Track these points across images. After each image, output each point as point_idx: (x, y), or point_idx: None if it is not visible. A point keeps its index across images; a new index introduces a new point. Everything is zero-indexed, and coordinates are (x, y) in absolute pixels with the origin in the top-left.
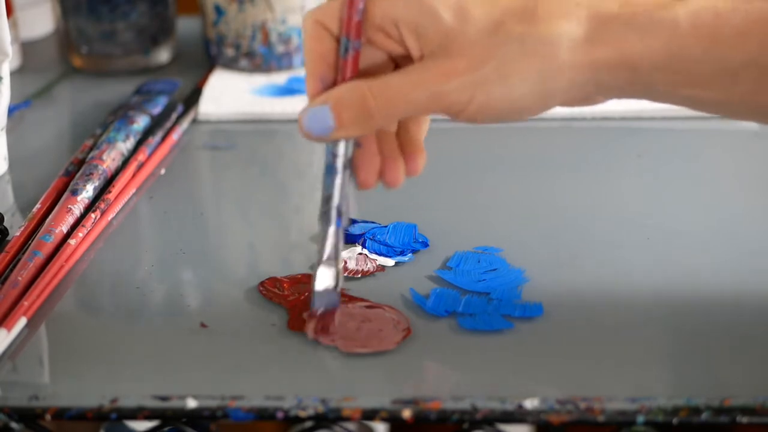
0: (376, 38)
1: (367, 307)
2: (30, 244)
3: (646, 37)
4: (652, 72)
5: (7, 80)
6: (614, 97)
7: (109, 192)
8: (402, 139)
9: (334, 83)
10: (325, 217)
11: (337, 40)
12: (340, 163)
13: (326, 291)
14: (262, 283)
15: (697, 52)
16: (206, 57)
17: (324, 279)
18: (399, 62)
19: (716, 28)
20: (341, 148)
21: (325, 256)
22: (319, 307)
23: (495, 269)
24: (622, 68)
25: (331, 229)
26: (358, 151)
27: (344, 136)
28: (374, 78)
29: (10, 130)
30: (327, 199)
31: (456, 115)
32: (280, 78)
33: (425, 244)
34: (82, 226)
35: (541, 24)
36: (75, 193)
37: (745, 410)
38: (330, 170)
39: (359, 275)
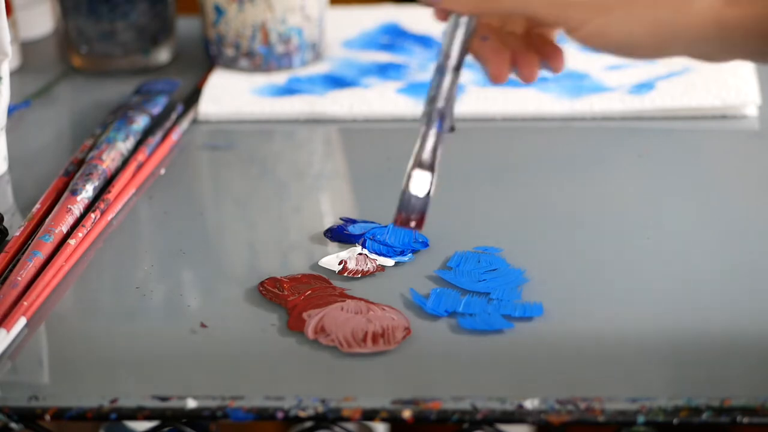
0: None
1: (367, 307)
2: (30, 244)
3: None
4: None
5: (6, 80)
6: (737, 59)
7: (109, 192)
8: (538, 40)
9: None
10: (426, 118)
11: None
12: (450, 63)
13: (415, 196)
14: (262, 283)
15: None
16: (206, 57)
17: (418, 182)
18: None
19: None
20: (454, 48)
21: (422, 158)
22: (407, 212)
23: (495, 269)
24: (752, 32)
25: (432, 132)
26: (485, 44)
27: (453, 8)
28: None
29: (10, 130)
30: (432, 100)
31: (570, 31)
32: (279, 78)
33: (425, 244)
34: (82, 226)
35: None
36: (75, 193)
37: (746, 410)
38: (439, 70)
39: (359, 275)
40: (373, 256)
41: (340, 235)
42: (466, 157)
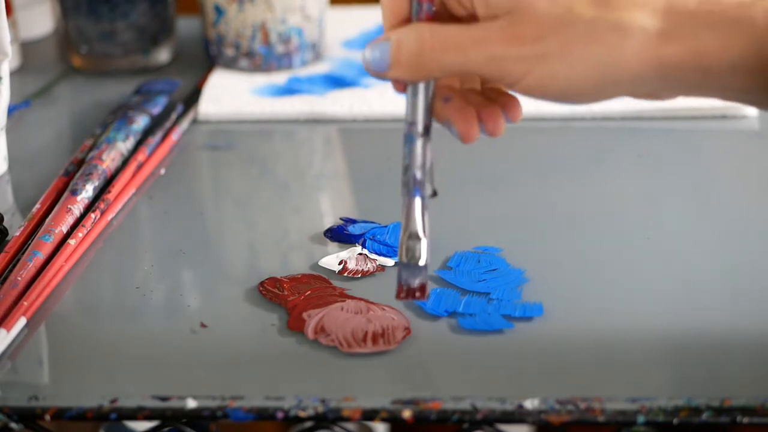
0: (449, 2)
1: (367, 307)
2: (30, 244)
3: (720, 36)
4: (725, 74)
5: (6, 80)
6: (682, 95)
7: (109, 192)
8: (493, 93)
9: None
10: (405, 188)
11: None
12: (416, 130)
13: (413, 266)
14: (262, 283)
15: None
16: (206, 57)
17: (413, 252)
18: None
19: None
20: (419, 115)
21: (411, 229)
22: (409, 283)
23: (495, 269)
24: (692, 67)
25: (416, 200)
26: (448, 105)
27: (399, 76)
28: (440, 26)
29: (10, 130)
30: (406, 169)
31: (510, 85)
32: (279, 78)
33: None
34: (82, 226)
35: (614, 11)
36: (75, 193)
37: (746, 410)
38: (408, 139)
39: (359, 275)
40: (373, 256)
41: (340, 235)
42: (465, 157)
